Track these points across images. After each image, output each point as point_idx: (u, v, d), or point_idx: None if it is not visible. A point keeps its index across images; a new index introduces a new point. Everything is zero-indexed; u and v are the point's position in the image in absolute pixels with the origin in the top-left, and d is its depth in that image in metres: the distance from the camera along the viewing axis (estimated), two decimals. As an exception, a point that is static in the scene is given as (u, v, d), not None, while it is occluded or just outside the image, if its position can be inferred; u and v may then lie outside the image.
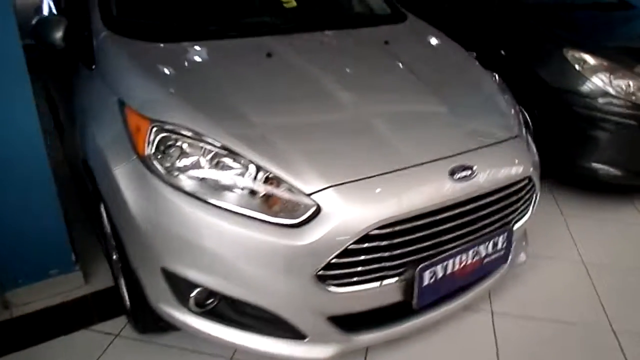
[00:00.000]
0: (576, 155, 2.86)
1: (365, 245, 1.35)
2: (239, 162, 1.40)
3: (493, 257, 1.62)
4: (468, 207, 1.50)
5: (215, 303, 1.50)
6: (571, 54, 2.74)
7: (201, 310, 1.50)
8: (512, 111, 1.90)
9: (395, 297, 1.48)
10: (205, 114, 1.47)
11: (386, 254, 1.39)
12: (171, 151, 1.45)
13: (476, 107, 1.84)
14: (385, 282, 1.43)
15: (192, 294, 1.46)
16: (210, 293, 1.47)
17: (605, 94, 2.66)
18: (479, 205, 1.53)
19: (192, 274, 1.42)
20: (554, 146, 2.89)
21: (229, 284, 1.40)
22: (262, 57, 1.78)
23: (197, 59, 1.75)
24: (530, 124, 2.88)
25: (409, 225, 1.39)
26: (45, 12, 2.71)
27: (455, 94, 1.84)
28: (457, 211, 1.47)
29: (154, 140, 1.45)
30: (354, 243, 1.34)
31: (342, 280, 1.38)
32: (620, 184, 2.88)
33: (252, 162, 1.39)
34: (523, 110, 2.12)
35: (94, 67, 1.81)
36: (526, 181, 1.68)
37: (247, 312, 1.47)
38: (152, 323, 1.71)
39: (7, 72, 1.75)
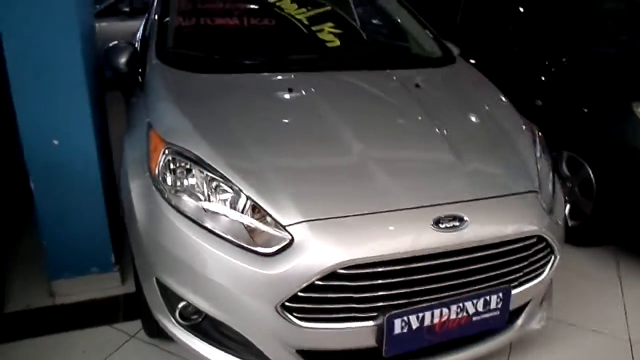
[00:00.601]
0: (645, 222, 2.58)
1: (333, 283, 1.36)
2: (231, 189, 1.49)
3: (485, 316, 1.51)
4: (454, 259, 1.44)
5: (199, 320, 1.58)
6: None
7: (186, 323, 1.58)
8: (537, 167, 1.78)
9: (369, 341, 1.45)
10: (212, 144, 1.58)
11: (356, 295, 1.38)
12: (177, 172, 1.58)
13: (491, 158, 1.76)
14: (357, 324, 1.41)
15: (179, 307, 1.56)
16: (196, 310, 1.55)
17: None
18: (468, 258, 1.46)
19: (178, 288, 1.52)
20: (620, 209, 2.63)
21: (208, 302, 1.48)
22: (283, 92, 1.87)
23: (223, 90, 1.89)
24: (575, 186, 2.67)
25: (381, 269, 1.37)
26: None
27: (472, 144, 1.79)
28: (439, 261, 1.42)
29: (163, 161, 1.59)
30: (321, 280, 1.35)
31: (310, 315, 1.39)
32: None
33: (242, 191, 1.47)
34: (552, 169, 1.98)
35: (142, 90, 2.03)
36: (533, 240, 1.57)
37: (225, 333, 1.53)
38: (156, 329, 1.83)
39: (66, 90, 2.02)
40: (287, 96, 1.87)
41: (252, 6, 2.41)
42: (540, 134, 2.04)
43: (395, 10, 2.80)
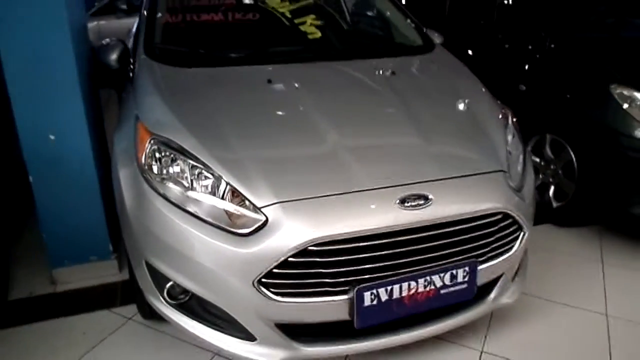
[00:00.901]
0: (625, 201, 2.64)
1: (305, 259, 1.46)
2: (212, 176, 1.59)
3: (452, 289, 1.61)
4: (420, 235, 1.53)
5: (186, 299, 1.68)
6: (619, 92, 2.57)
7: (175, 302, 1.69)
8: (506, 149, 1.86)
9: (342, 314, 1.54)
10: (195, 134, 1.68)
11: (326, 270, 1.48)
12: (162, 161, 1.68)
13: (459, 141, 1.84)
14: (329, 298, 1.51)
15: (166, 287, 1.66)
16: (183, 289, 1.66)
17: (655, 136, 2.45)
18: (434, 234, 1.55)
19: (166, 270, 1.63)
20: (600, 190, 2.70)
21: (192, 282, 1.58)
22: (263, 84, 1.97)
23: (206, 83, 1.98)
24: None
25: (349, 246, 1.47)
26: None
27: (442, 127, 1.87)
28: (407, 237, 1.51)
29: (149, 151, 1.69)
30: (293, 256, 1.45)
31: (286, 290, 1.49)
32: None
33: (222, 178, 1.57)
34: (527, 150, 2.05)
35: (131, 85, 2.14)
36: (499, 216, 1.65)
37: (210, 311, 1.63)
38: (149, 311, 1.94)
39: (60, 87, 2.12)
40: (266, 87, 1.96)
41: (237, 1, 2.49)
42: (514, 119, 2.12)
43: (378, 1, 2.88)
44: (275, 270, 1.47)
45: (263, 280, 1.48)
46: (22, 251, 2.62)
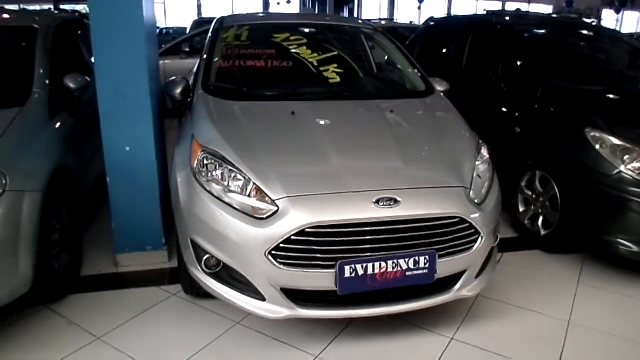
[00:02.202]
0: (599, 230, 3.03)
1: (303, 238, 2.00)
2: (244, 178, 2.18)
3: (415, 273, 2.09)
4: (391, 227, 2.05)
5: (218, 269, 2.24)
6: (592, 135, 3.02)
7: (209, 271, 2.25)
8: (473, 172, 2.35)
9: (330, 283, 2.05)
10: (234, 148, 2.28)
11: (318, 248, 2.01)
12: (209, 167, 2.29)
13: (432, 164, 2.38)
14: (320, 270, 2.03)
15: (204, 259, 2.24)
16: (217, 262, 2.23)
17: (621, 173, 2.86)
18: (402, 228, 2.06)
19: (205, 244, 2.21)
20: (579, 220, 3.10)
21: (223, 253, 2.15)
22: (288, 115, 2.58)
23: (246, 113, 2.61)
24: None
25: (336, 230, 2.01)
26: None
27: (420, 153, 2.41)
28: (380, 228, 2.03)
29: (200, 159, 2.32)
30: (295, 235, 2.00)
31: (289, 261, 2.03)
32: (643, 262, 2.96)
33: (250, 179, 2.16)
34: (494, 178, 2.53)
35: (190, 112, 2.80)
36: (456, 220, 2.14)
37: (234, 277, 2.19)
38: (190, 285, 2.52)
39: (136, 112, 2.81)
40: (290, 118, 2.58)
41: (276, 52, 3.16)
42: (487, 151, 2.61)
43: (391, 54, 3.49)
44: (282, 245, 2.02)
45: (273, 252, 2.03)
46: (94, 238, 3.29)
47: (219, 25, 3.47)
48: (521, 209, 3.57)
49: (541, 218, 3.40)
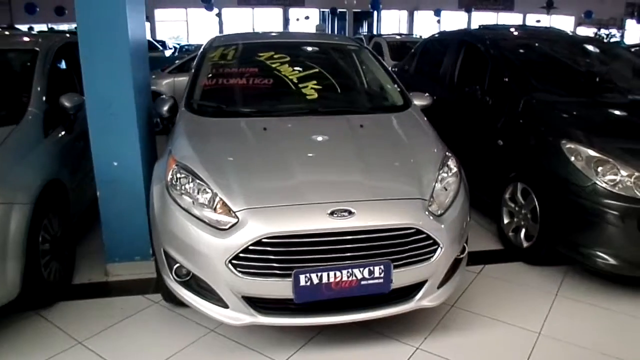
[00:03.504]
0: (577, 242, 3.03)
1: (260, 248, 2.10)
2: (211, 192, 2.30)
3: (371, 282, 2.15)
4: (346, 238, 2.13)
5: (188, 278, 2.36)
6: (568, 147, 3.04)
7: (180, 280, 2.37)
8: (434, 184, 2.42)
9: (287, 292, 2.14)
10: (204, 164, 2.41)
11: (275, 257, 2.11)
12: (181, 180, 2.42)
13: (392, 176, 2.45)
14: (277, 279, 2.12)
15: (174, 267, 2.36)
16: (187, 271, 2.34)
17: (595, 185, 2.88)
18: (356, 238, 2.14)
19: (175, 254, 2.33)
20: (557, 231, 3.12)
21: (190, 263, 2.26)
22: (260, 131, 2.71)
23: (221, 129, 2.74)
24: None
25: (291, 241, 2.10)
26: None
27: (381, 167, 2.49)
28: (336, 239, 2.12)
29: (172, 173, 2.46)
30: (252, 245, 2.10)
31: (248, 270, 2.13)
32: (620, 274, 2.95)
33: (217, 194, 2.28)
34: (462, 190, 2.59)
35: (173, 129, 2.96)
36: (412, 231, 2.21)
37: (201, 285, 2.30)
38: (167, 293, 2.64)
39: (123, 128, 2.98)
40: (262, 133, 2.69)
41: (259, 70, 3.30)
42: (455, 163, 2.67)
43: (374, 70, 3.59)
44: (241, 255, 2.13)
45: (233, 261, 2.14)
46: (89, 248, 3.45)
47: (208, 45, 3.64)
48: (505, 221, 3.59)
49: (523, 230, 3.42)
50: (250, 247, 2.11)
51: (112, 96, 2.95)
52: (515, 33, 4.69)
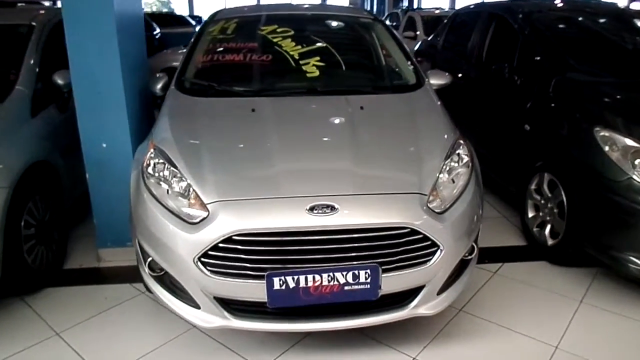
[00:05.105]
0: (607, 244, 2.67)
1: (231, 246, 1.88)
2: (185, 181, 2.09)
3: (355, 287, 1.90)
4: (327, 237, 1.87)
5: (162, 273, 2.17)
6: (602, 134, 2.65)
7: (154, 274, 2.19)
8: (438, 176, 2.12)
9: (261, 295, 1.91)
10: (180, 149, 2.20)
11: (247, 257, 1.88)
12: (156, 166, 2.22)
13: (388, 166, 2.15)
14: (249, 280, 1.89)
15: (148, 260, 2.18)
16: (160, 266, 2.16)
17: (631, 179, 2.50)
18: (340, 238, 1.88)
19: (146, 247, 2.14)
20: (585, 230, 2.76)
21: (160, 257, 2.07)
22: (248, 112, 2.46)
23: (207, 109, 2.51)
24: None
25: (265, 239, 1.86)
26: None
27: (376, 155, 2.19)
28: (316, 238, 1.86)
29: (149, 157, 2.26)
30: (222, 242, 1.88)
31: (218, 269, 1.92)
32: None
33: (190, 185, 2.06)
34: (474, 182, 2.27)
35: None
36: (405, 230, 1.93)
37: (173, 282, 2.11)
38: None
39: (111, 108, 2.80)
40: (249, 115, 2.44)
41: (258, 45, 3.03)
42: (466, 152, 2.34)
43: (387, 45, 3.25)
44: (210, 252, 1.91)
45: (202, 259, 1.92)
46: (85, 232, 3.34)
47: (210, 19, 3.40)
48: (530, 215, 3.24)
49: (549, 226, 3.07)
50: (220, 245, 1.89)
51: (98, 74, 2.78)
52: (555, 5, 4.20)
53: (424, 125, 2.45)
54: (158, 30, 11.15)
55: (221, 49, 3.04)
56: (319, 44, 3.05)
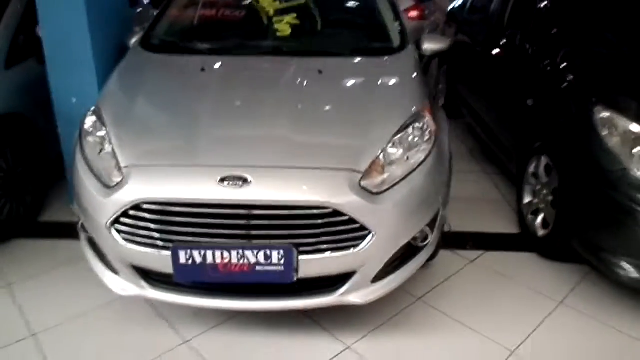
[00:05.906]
0: (596, 243, 2.33)
1: (139, 214, 1.77)
2: (111, 145, 1.98)
3: (268, 268, 1.74)
4: (238, 212, 1.71)
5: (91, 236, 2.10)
6: (601, 115, 2.29)
7: (87, 235, 2.13)
8: (383, 152, 1.90)
9: (168, 267, 1.79)
10: (115, 111, 2.10)
11: (154, 226, 1.77)
12: (96, 125, 2.13)
13: (327, 137, 1.96)
14: (157, 251, 1.79)
15: (80, 221, 2.12)
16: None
17: (627, 171, 2.15)
18: (252, 214, 1.72)
19: (76, 208, 2.09)
20: (574, 223, 2.44)
21: (84, 219, 2.01)
22: (196, 72, 2.30)
23: (157, 68, 2.38)
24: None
25: (173, 209, 1.73)
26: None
27: (318, 124, 2.01)
28: (226, 212, 1.71)
29: (87, 115, 2.17)
30: (131, 209, 1.77)
31: (129, 237, 1.82)
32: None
33: (115, 149, 1.94)
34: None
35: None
36: (327, 211, 1.73)
37: (96, 246, 2.04)
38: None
39: (79, 62, 2.73)
40: (195, 75, 2.29)
41: (232, 1, 2.84)
42: (430, 124, 2.07)
43: (375, 4, 2.95)
44: (121, 219, 1.81)
45: (115, 226, 1.83)
46: (59, 193, 3.35)
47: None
48: (526, 200, 2.91)
49: (541, 215, 2.75)
50: (131, 212, 1.78)
51: (66, 26, 2.69)
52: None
53: (385, 94, 2.21)
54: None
55: (192, 4, 2.88)
56: (299, 1, 2.81)
